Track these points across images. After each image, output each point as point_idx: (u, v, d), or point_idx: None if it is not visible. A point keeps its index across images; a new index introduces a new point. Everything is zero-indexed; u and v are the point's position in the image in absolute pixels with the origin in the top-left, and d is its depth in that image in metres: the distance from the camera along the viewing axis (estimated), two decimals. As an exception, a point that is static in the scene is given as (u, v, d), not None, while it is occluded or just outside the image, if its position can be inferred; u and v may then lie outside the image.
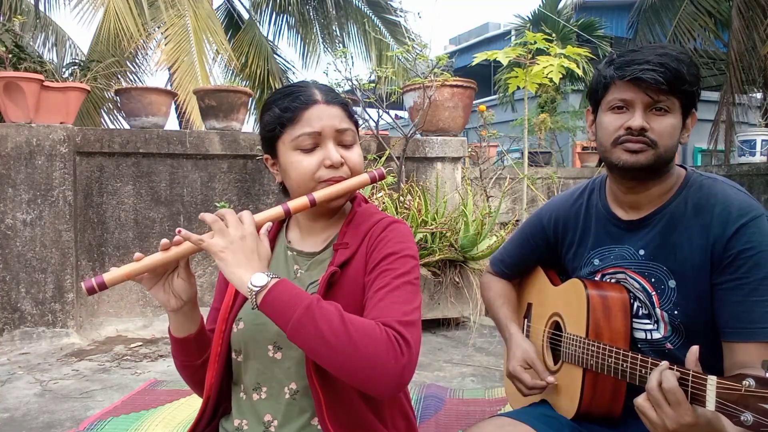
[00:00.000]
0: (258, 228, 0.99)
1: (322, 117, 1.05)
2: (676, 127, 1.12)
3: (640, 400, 0.96)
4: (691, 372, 0.91)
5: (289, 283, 0.94)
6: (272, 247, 1.17)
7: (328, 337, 0.88)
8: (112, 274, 0.96)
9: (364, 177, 1.07)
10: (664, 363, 0.96)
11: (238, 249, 0.94)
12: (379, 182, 3.65)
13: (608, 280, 1.26)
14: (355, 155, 1.08)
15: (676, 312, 1.14)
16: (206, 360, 1.13)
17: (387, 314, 0.94)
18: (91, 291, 0.95)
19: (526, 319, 1.50)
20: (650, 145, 1.11)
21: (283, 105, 1.06)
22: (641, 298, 1.20)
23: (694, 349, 0.95)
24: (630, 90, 1.11)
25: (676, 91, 1.09)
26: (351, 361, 0.88)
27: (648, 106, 1.11)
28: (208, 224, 0.96)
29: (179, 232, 0.97)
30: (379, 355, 0.88)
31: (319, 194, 1.04)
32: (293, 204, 1.03)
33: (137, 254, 0.99)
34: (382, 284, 0.99)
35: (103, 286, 0.95)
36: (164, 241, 0.99)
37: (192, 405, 2.34)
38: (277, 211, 1.03)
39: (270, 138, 1.09)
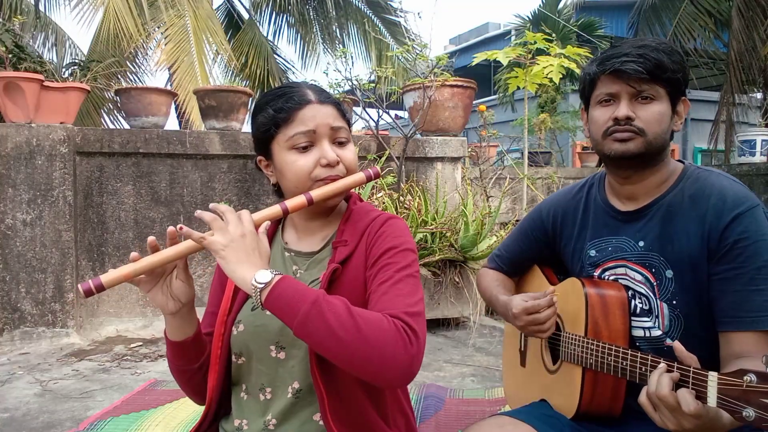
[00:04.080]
0: (256, 227, 0.99)
1: (316, 116, 1.05)
2: (664, 113, 1.15)
3: (643, 399, 0.97)
4: (691, 369, 0.91)
5: (293, 279, 0.94)
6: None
7: (337, 330, 0.88)
8: (110, 275, 0.93)
9: (360, 176, 1.08)
10: (662, 366, 0.96)
11: (239, 247, 0.93)
12: (380, 182, 3.68)
13: (608, 277, 1.26)
14: (349, 153, 1.09)
15: (674, 302, 1.15)
16: (203, 364, 1.12)
17: (393, 306, 0.95)
18: (88, 293, 0.92)
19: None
20: (638, 132, 1.14)
21: (277, 105, 1.06)
22: (642, 291, 1.20)
23: (678, 345, 0.95)
24: (614, 83, 1.15)
25: (658, 79, 1.12)
26: (361, 353, 0.88)
27: (633, 96, 1.14)
28: (207, 223, 0.95)
29: (181, 228, 0.94)
30: (390, 345, 0.88)
31: (317, 193, 1.04)
32: (291, 203, 1.03)
33: (133, 254, 0.96)
34: (384, 278, 1.00)
35: (101, 288, 0.92)
36: (151, 238, 0.98)
37: (192, 405, 2.33)
38: (275, 210, 1.02)
39: (264, 139, 1.09)
